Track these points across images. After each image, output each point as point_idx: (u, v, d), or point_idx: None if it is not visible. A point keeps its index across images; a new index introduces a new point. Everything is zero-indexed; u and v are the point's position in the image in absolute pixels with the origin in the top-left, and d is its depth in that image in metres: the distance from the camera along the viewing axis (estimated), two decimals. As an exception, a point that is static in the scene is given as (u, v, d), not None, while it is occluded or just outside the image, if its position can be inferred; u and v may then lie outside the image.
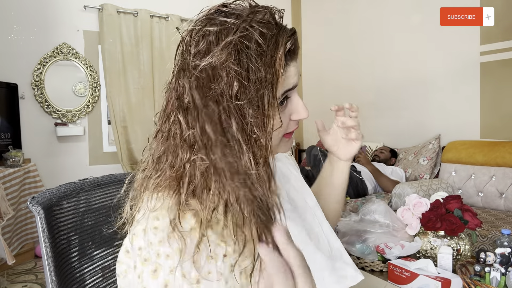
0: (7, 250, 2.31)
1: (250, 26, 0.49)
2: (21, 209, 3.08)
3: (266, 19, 0.51)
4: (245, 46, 0.47)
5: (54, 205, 0.76)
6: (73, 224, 0.79)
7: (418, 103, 3.43)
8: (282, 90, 0.54)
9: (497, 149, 2.74)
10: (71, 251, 0.78)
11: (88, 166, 3.58)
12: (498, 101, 2.89)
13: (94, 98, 3.60)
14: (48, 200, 0.75)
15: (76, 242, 0.80)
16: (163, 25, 3.79)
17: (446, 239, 1.33)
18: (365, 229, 1.43)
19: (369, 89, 3.87)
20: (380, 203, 1.49)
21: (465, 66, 3.05)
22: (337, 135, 0.84)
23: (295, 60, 0.55)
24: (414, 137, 3.42)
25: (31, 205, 0.73)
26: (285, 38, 0.51)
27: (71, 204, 0.79)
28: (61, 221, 0.76)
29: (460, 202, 1.38)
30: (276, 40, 0.50)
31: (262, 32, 0.49)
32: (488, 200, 2.70)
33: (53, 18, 3.41)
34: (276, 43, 0.50)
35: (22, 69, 3.29)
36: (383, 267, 1.38)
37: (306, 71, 4.72)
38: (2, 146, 3.09)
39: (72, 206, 0.79)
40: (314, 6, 4.55)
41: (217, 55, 0.47)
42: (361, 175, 3.01)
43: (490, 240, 2.13)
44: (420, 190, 2.56)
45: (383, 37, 3.72)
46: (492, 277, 1.10)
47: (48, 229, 0.73)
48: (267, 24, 0.51)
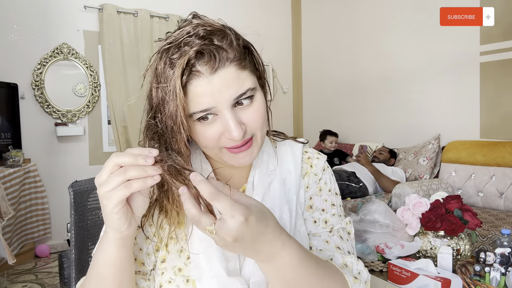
0: (7, 250, 2.31)
1: (159, 52, 0.59)
2: (21, 209, 3.08)
3: (169, 41, 0.58)
4: (156, 69, 0.59)
5: (85, 193, 0.97)
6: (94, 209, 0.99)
7: (418, 103, 3.43)
8: (190, 110, 0.57)
9: (497, 149, 2.74)
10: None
11: (88, 166, 3.58)
12: (498, 101, 2.89)
13: (94, 98, 3.60)
14: (82, 187, 0.96)
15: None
16: (163, 25, 3.79)
17: (446, 239, 1.33)
18: (365, 229, 1.43)
19: (369, 89, 3.87)
20: (380, 203, 1.49)
21: (465, 66, 3.05)
22: None
23: (204, 79, 0.56)
24: (414, 137, 3.42)
25: (69, 189, 0.95)
26: (181, 62, 0.56)
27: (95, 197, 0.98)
28: (88, 206, 0.97)
29: (460, 202, 1.38)
30: (171, 66, 0.57)
31: (165, 59, 0.58)
32: (488, 200, 2.70)
33: (53, 18, 3.41)
34: (171, 69, 0.57)
35: (22, 69, 3.29)
36: (383, 267, 1.38)
37: (306, 71, 4.72)
38: (2, 146, 3.09)
39: (94, 199, 0.98)
40: (314, 6, 4.55)
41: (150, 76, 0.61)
42: (360, 181, 2.97)
43: (490, 240, 2.13)
44: (420, 190, 2.56)
45: (383, 37, 3.72)
46: (492, 277, 1.10)
47: (75, 210, 0.94)
48: (168, 50, 0.58)
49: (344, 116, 4.16)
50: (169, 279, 0.63)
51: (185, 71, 0.55)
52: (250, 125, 0.60)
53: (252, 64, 0.62)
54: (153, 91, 0.59)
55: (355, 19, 4.01)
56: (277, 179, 0.70)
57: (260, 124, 0.61)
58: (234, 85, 0.57)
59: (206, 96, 0.56)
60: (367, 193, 2.98)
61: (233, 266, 0.64)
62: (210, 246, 0.63)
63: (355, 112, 4.04)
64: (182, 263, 0.64)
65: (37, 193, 3.25)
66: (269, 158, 0.72)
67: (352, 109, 4.07)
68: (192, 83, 0.56)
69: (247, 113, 0.60)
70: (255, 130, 0.61)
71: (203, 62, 0.56)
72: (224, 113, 0.58)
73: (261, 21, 4.41)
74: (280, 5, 4.71)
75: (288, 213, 0.68)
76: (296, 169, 0.72)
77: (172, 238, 0.66)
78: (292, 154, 0.74)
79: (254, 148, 0.63)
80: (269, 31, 4.43)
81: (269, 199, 0.68)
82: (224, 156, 0.62)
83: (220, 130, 0.59)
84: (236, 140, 0.58)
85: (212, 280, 0.61)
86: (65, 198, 3.38)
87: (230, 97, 0.57)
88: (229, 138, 0.59)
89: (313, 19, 4.57)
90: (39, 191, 3.26)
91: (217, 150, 0.62)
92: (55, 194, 3.40)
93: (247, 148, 0.61)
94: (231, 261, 0.64)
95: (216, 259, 0.62)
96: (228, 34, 0.58)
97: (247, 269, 0.64)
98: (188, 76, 0.56)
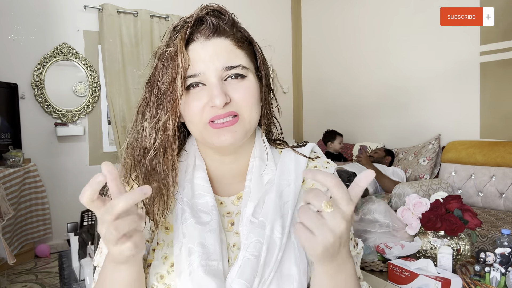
0: (7, 250, 2.31)
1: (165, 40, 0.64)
2: (21, 209, 3.08)
3: (170, 30, 0.64)
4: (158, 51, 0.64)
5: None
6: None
7: (418, 103, 3.43)
8: (181, 76, 0.60)
9: (497, 149, 2.74)
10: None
11: (88, 166, 3.58)
12: (498, 101, 2.89)
13: (94, 98, 3.60)
14: None
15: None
16: (163, 25, 3.79)
17: (446, 239, 1.33)
18: (365, 229, 1.43)
19: (369, 89, 3.87)
20: (380, 202, 1.49)
21: (465, 66, 3.05)
22: None
23: (198, 44, 0.60)
24: (414, 137, 3.42)
25: None
26: (176, 36, 0.61)
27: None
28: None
29: (460, 202, 1.38)
30: (168, 41, 0.62)
31: (170, 31, 0.63)
32: (488, 200, 2.70)
33: (53, 18, 3.41)
34: (168, 42, 0.62)
35: (22, 69, 3.29)
36: (383, 267, 1.38)
37: (306, 71, 4.72)
38: (2, 146, 3.09)
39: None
40: (314, 6, 4.55)
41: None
42: None
43: (490, 240, 2.12)
44: (420, 190, 2.56)
45: (383, 37, 3.72)
46: (492, 277, 1.10)
47: None
48: (170, 33, 0.63)
49: (344, 116, 4.16)
50: (151, 285, 0.61)
51: (184, 38, 0.60)
52: (236, 100, 0.61)
53: (250, 52, 0.64)
54: (156, 64, 0.63)
55: (355, 19, 4.01)
56: (273, 190, 0.64)
57: (247, 103, 0.61)
58: (226, 57, 0.61)
59: (198, 61, 0.60)
60: (367, 193, 2.98)
61: (216, 266, 0.59)
62: (192, 242, 0.59)
63: (355, 112, 4.04)
64: (165, 270, 0.61)
65: (37, 193, 3.25)
66: (262, 164, 0.67)
67: (352, 109, 4.07)
68: (187, 48, 0.60)
69: (235, 88, 0.61)
70: (240, 107, 0.61)
71: (201, 29, 0.60)
72: (211, 81, 0.60)
73: (261, 21, 4.41)
74: (280, 5, 4.71)
75: (281, 229, 0.60)
76: (297, 180, 0.66)
77: (159, 244, 0.64)
78: (295, 162, 0.68)
79: (238, 128, 0.61)
80: (269, 31, 4.43)
81: (262, 212, 0.62)
82: (208, 134, 0.62)
83: (205, 101, 0.60)
84: (217, 106, 0.58)
85: (187, 277, 0.57)
86: (65, 198, 3.41)
87: (220, 66, 0.60)
88: (212, 105, 0.59)
89: (313, 19, 4.57)
90: (39, 191, 3.26)
91: (201, 126, 0.61)
92: (55, 194, 3.40)
93: (230, 125, 0.60)
94: (214, 260, 0.59)
95: (196, 255, 0.58)
96: (233, 19, 0.63)
97: (233, 273, 0.58)
98: (186, 41, 0.60)
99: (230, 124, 0.60)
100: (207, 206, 0.63)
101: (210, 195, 0.64)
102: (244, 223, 0.62)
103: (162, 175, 0.63)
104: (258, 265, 0.58)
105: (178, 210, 0.63)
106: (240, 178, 0.69)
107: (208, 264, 0.58)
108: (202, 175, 0.66)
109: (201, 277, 0.57)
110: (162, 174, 0.63)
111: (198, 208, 0.63)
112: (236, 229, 0.65)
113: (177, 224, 0.62)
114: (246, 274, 0.57)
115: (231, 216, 0.66)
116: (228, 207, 0.67)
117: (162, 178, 0.63)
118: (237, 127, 0.61)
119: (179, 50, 0.59)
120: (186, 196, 0.64)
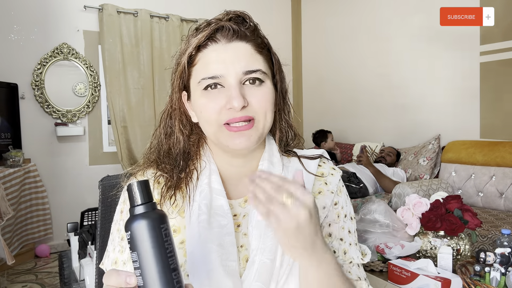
0: (6, 250, 2.31)
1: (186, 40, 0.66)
2: (21, 209, 3.08)
3: (191, 33, 0.66)
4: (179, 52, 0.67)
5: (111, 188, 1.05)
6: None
7: (418, 103, 3.43)
8: (200, 76, 0.62)
9: (497, 149, 2.74)
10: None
11: (88, 166, 3.58)
12: (498, 101, 2.89)
13: (94, 98, 3.60)
14: (112, 181, 1.06)
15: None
16: (163, 25, 3.79)
17: (446, 239, 1.33)
18: (365, 229, 1.43)
19: (369, 89, 3.87)
20: (380, 203, 1.49)
21: (465, 66, 3.05)
22: None
23: (220, 46, 0.62)
24: (414, 137, 3.42)
25: (99, 183, 1.04)
26: (197, 35, 0.63)
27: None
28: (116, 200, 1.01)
29: (460, 202, 1.38)
30: (188, 40, 0.65)
31: (187, 39, 0.66)
32: (488, 200, 2.70)
33: (53, 18, 3.41)
34: (187, 42, 0.65)
35: (22, 69, 3.29)
36: (383, 267, 1.38)
37: (306, 72, 4.72)
38: (2, 146, 3.09)
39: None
40: (314, 6, 4.54)
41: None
42: (361, 182, 2.96)
43: (490, 240, 2.12)
44: (420, 190, 2.56)
45: (383, 37, 3.72)
46: (492, 277, 1.10)
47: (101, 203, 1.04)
48: (192, 35, 0.65)
49: (344, 116, 4.16)
50: None
51: (206, 37, 0.62)
52: (253, 105, 0.61)
53: (269, 59, 0.66)
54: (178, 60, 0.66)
55: (355, 18, 4.01)
56: None
57: (264, 108, 0.62)
58: (246, 60, 0.62)
59: (218, 63, 0.61)
60: (367, 193, 2.98)
61: (234, 267, 0.61)
62: (212, 242, 0.61)
63: (355, 112, 4.04)
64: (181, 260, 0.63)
65: (37, 193, 3.25)
66: (271, 167, 0.68)
67: (352, 109, 4.07)
68: (208, 48, 0.62)
69: (253, 92, 0.62)
70: (257, 112, 0.62)
71: (222, 33, 0.62)
72: (230, 83, 0.60)
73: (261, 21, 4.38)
74: (280, 6, 4.71)
75: None
76: (306, 187, 0.65)
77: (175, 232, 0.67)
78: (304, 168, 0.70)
79: (253, 133, 0.62)
80: (269, 31, 4.40)
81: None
82: (223, 136, 0.62)
83: (222, 103, 0.61)
84: (235, 108, 0.59)
85: (205, 275, 0.59)
86: (65, 198, 3.41)
87: (240, 69, 0.61)
88: (229, 107, 0.60)
89: (313, 19, 4.57)
90: (39, 191, 3.26)
91: (216, 127, 0.62)
92: (55, 194, 3.40)
93: (246, 129, 0.61)
94: (232, 261, 0.61)
95: (216, 255, 0.60)
96: (254, 25, 0.65)
97: (248, 274, 0.61)
98: (207, 40, 0.62)
99: (246, 128, 0.61)
100: (222, 210, 0.65)
101: (224, 198, 0.66)
102: (254, 225, 0.63)
103: (183, 174, 0.68)
104: (274, 268, 0.61)
105: (193, 211, 0.64)
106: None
107: (227, 265, 0.61)
108: (217, 179, 0.67)
109: (222, 277, 0.59)
110: (183, 172, 0.68)
111: (215, 212, 0.65)
112: (244, 230, 0.66)
113: (192, 224, 0.63)
114: (263, 277, 0.60)
115: (238, 219, 0.67)
116: (235, 209, 0.68)
117: (183, 174, 0.68)
118: (252, 132, 0.62)
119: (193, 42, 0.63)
120: (205, 199, 0.65)
